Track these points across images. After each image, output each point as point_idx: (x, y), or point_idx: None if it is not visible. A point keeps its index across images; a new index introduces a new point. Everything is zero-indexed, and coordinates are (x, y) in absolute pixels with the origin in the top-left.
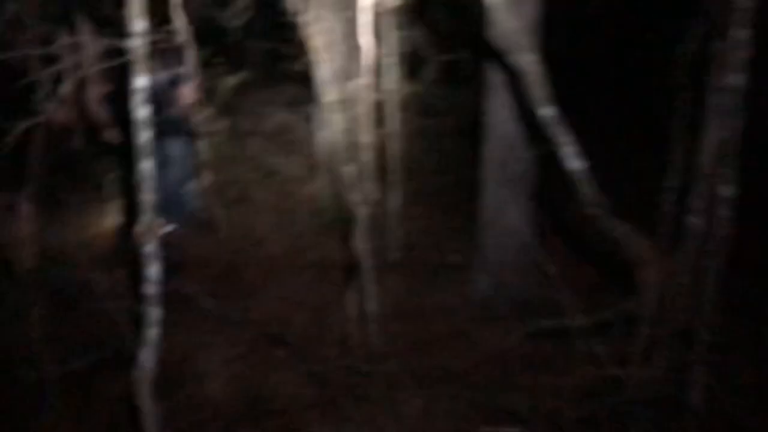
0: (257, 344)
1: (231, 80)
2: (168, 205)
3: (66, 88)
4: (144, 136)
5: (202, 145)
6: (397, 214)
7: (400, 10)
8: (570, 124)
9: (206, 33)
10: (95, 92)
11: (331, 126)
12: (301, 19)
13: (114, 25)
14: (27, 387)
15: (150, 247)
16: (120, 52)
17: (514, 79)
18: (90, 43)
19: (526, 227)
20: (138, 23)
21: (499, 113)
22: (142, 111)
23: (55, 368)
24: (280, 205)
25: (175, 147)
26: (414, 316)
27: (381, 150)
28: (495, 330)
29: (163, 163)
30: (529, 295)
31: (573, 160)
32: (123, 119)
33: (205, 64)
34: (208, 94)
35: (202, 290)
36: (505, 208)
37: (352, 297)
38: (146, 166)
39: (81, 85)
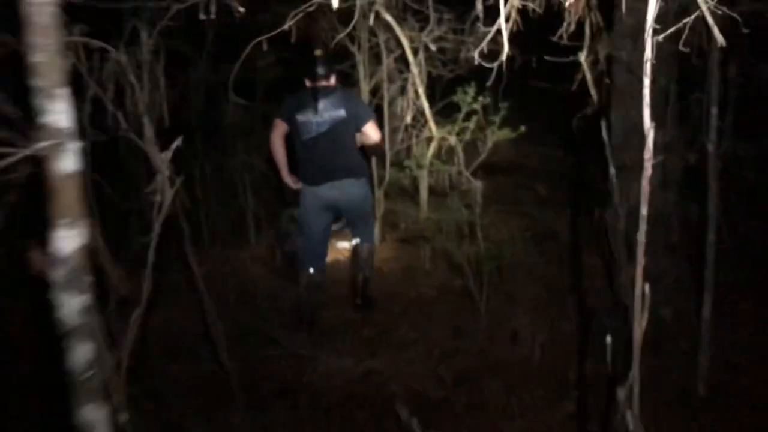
0: None
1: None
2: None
3: None
4: None
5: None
6: (709, 327)
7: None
8: None
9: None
10: None
11: (621, 192)
12: (585, 57)
13: None
14: None
15: None
16: None
17: None
18: None
19: None
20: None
21: None
22: None
23: None
24: (550, 282)
25: (353, 188)
26: None
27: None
28: None
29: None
30: None
31: None
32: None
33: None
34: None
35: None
36: None
37: None
38: None
39: None
